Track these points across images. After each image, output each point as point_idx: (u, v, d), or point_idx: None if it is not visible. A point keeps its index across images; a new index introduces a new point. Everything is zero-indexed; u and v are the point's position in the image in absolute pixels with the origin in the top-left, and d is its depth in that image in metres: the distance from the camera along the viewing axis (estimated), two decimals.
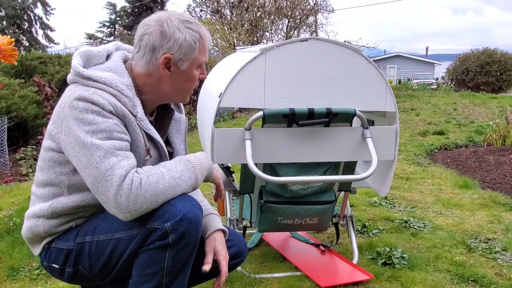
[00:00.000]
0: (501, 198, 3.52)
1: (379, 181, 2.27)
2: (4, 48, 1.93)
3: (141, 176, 1.23)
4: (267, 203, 2.07)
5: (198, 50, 1.37)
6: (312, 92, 1.93)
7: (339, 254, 2.44)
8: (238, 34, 12.60)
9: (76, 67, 1.31)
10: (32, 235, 1.38)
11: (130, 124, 1.31)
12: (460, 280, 2.18)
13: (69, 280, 1.40)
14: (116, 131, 1.26)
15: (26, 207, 3.42)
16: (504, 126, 5.89)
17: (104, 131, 1.24)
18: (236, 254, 1.52)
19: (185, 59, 1.36)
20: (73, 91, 1.28)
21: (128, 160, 1.24)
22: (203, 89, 2.40)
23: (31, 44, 28.39)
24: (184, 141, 1.59)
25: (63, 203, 1.34)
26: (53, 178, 1.34)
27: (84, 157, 1.23)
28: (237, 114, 10.15)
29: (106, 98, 1.27)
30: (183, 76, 1.39)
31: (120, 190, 1.20)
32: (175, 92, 1.42)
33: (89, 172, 1.22)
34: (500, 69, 17.71)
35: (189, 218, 1.26)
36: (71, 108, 1.25)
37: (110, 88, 1.30)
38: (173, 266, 1.28)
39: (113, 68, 1.35)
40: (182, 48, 1.34)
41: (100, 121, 1.24)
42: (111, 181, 1.20)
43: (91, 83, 1.29)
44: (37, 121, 6.51)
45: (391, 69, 34.27)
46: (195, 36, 1.35)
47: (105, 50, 1.41)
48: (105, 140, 1.23)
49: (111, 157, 1.22)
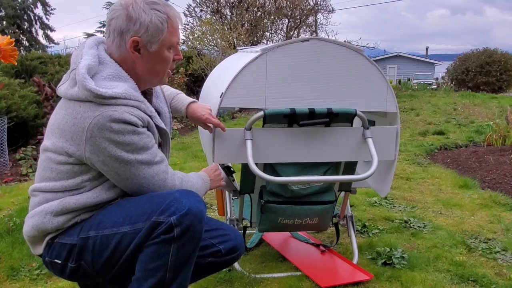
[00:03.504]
0: (501, 198, 3.52)
1: (379, 181, 2.27)
2: (4, 48, 1.93)
3: (176, 179, 1.45)
4: (267, 203, 2.07)
5: (166, 31, 1.37)
6: (313, 92, 1.93)
7: (339, 254, 2.44)
8: (238, 34, 12.59)
9: (94, 89, 1.27)
10: (38, 233, 1.37)
11: (151, 127, 1.38)
12: (460, 280, 2.18)
13: (70, 276, 1.40)
14: (150, 142, 1.36)
15: (26, 207, 3.41)
16: (504, 126, 5.89)
17: (142, 148, 1.33)
18: (233, 248, 1.52)
19: (153, 41, 1.36)
20: (97, 113, 1.27)
21: (163, 163, 1.41)
22: (204, 89, 2.40)
23: (31, 44, 28.37)
24: (166, 103, 1.64)
25: (76, 199, 1.34)
26: (73, 185, 1.35)
27: (125, 172, 1.33)
28: (237, 114, 10.14)
29: (134, 114, 1.31)
30: (154, 58, 1.39)
31: (165, 187, 1.40)
32: (151, 75, 1.43)
33: (132, 182, 1.36)
34: (500, 69, 17.70)
35: (194, 212, 1.28)
36: (103, 130, 1.27)
37: (131, 100, 1.32)
38: (177, 260, 1.29)
39: (115, 75, 1.36)
40: (149, 30, 1.35)
41: (137, 140, 1.32)
42: (158, 184, 1.39)
43: (114, 101, 1.29)
44: (37, 121, 6.51)
45: (391, 69, 34.28)
46: (162, 17, 1.35)
47: (95, 57, 1.36)
48: (144, 154, 1.34)
49: (152, 166, 1.36)
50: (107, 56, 1.39)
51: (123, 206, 1.36)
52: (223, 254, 1.51)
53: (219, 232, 1.53)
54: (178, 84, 9.58)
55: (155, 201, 1.31)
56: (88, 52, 1.37)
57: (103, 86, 1.30)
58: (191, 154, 5.51)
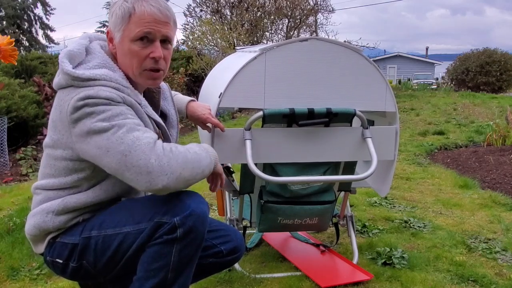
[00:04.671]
0: (501, 198, 3.52)
1: (379, 181, 2.27)
2: (4, 48, 1.93)
3: (170, 145, 1.24)
4: (267, 203, 2.07)
5: (128, 20, 1.32)
6: (312, 92, 1.93)
7: (339, 254, 2.44)
8: (238, 34, 12.59)
9: (70, 72, 1.26)
10: (39, 231, 1.37)
11: (138, 112, 1.32)
12: (460, 280, 2.18)
13: (71, 276, 1.40)
14: (130, 114, 1.26)
15: (26, 207, 3.42)
16: (504, 126, 5.89)
17: (119, 114, 1.24)
18: (234, 249, 1.53)
19: (116, 30, 1.35)
20: (74, 94, 1.25)
21: (151, 133, 1.25)
22: (203, 89, 2.40)
23: (31, 44, 28.38)
24: (173, 106, 1.62)
25: (76, 198, 1.34)
26: (70, 183, 1.35)
27: (104, 141, 1.21)
28: (237, 114, 10.15)
29: (113, 92, 1.26)
30: (122, 50, 1.36)
31: (151, 155, 1.18)
32: (127, 68, 1.36)
33: (113, 152, 1.20)
34: (500, 69, 17.70)
35: (197, 213, 1.28)
36: (78, 108, 1.23)
37: (112, 82, 1.28)
38: (179, 261, 1.29)
39: (102, 65, 1.33)
40: (113, 18, 1.34)
41: (112, 108, 1.24)
42: (140, 149, 1.18)
43: (92, 83, 1.27)
44: (37, 121, 6.52)
45: (391, 69, 34.28)
46: (127, 7, 1.33)
47: (82, 46, 1.36)
48: (123, 120, 1.23)
49: (133, 132, 1.21)
50: (98, 47, 1.38)
51: (126, 206, 1.36)
52: (224, 254, 1.51)
53: (220, 233, 1.53)
54: (178, 84, 9.59)
55: (158, 202, 1.31)
56: (76, 41, 1.38)
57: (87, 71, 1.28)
58: None
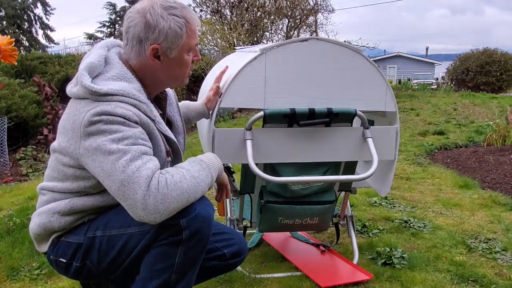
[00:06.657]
0: (501, 198, 3.52)
1: (379, 181, 2.27)
2: (4, 48, 1.93)
3: (166, 176, 1.22)
4: (267, 203, 2.07)
5: (186, 35, 1.35)
6: (313, 92, 1.93)
7: (339, 254, 2.44)
8: (238, 34, 12.59)
9: (89, 86, 1.25)
10: (44, 231, 1.37)
11: (152, 131, 1.31)
12: (460, 280, 2.18)
13: (74, 275, 1.40)
14: (141, 138, 1.25)
15: (26, 207, 3.42)
16: (504, 126, 5.89)
17: (130, 138, 1.23)
18: (237, 252, 1.53)
19: (173, 47, 1.35)
20: (91, 107, 1.24)
21: (152, 162, 1.23)
22: (203, 88, 2.40)
23: (31, 44, 28.40)
24: (179, 112, 1.62)
25: (83, 201, 1.34)
26: (77, 189, 1.34)
27: (108, 164, 1.20)
28: (237, 114, 10.14)
29: (129, 109, 1.25)
30: (174, 63, 1.38)
31: (148, 191, 1.18)
32: (171, 79, 1.42)
33: (115, 178, 1.20)
34: (500, 69, 17.70)
35: (203, 215, 1.28)
36: (92, 123, 1.22)
37: (129, 98, 1.28)
38: (184, 263, 1.29)
39: (120, 76, 1.33)
40: (168, 37, 1.33)
41: (125, 130, 1.23)
42: (138, 183, 1.18)
43: (110, 98, 1.26)
44: (37, 121, 6.52)
45: (391, 69, 34.27)
46: (180, 22, 1.33)
47: (102, 57, 1.35)
48: (131, 146, 1.22)
49: (137, 160, 1.20)
50: (116, 58, 1.37)
51: None
52: (227, 258, 1.51)
53: (224, 236, 1.53)
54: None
55: None
56: (96, 52, 1.36)
57: (102, 84, 1.28)
58: (191, 154, 5.51)
